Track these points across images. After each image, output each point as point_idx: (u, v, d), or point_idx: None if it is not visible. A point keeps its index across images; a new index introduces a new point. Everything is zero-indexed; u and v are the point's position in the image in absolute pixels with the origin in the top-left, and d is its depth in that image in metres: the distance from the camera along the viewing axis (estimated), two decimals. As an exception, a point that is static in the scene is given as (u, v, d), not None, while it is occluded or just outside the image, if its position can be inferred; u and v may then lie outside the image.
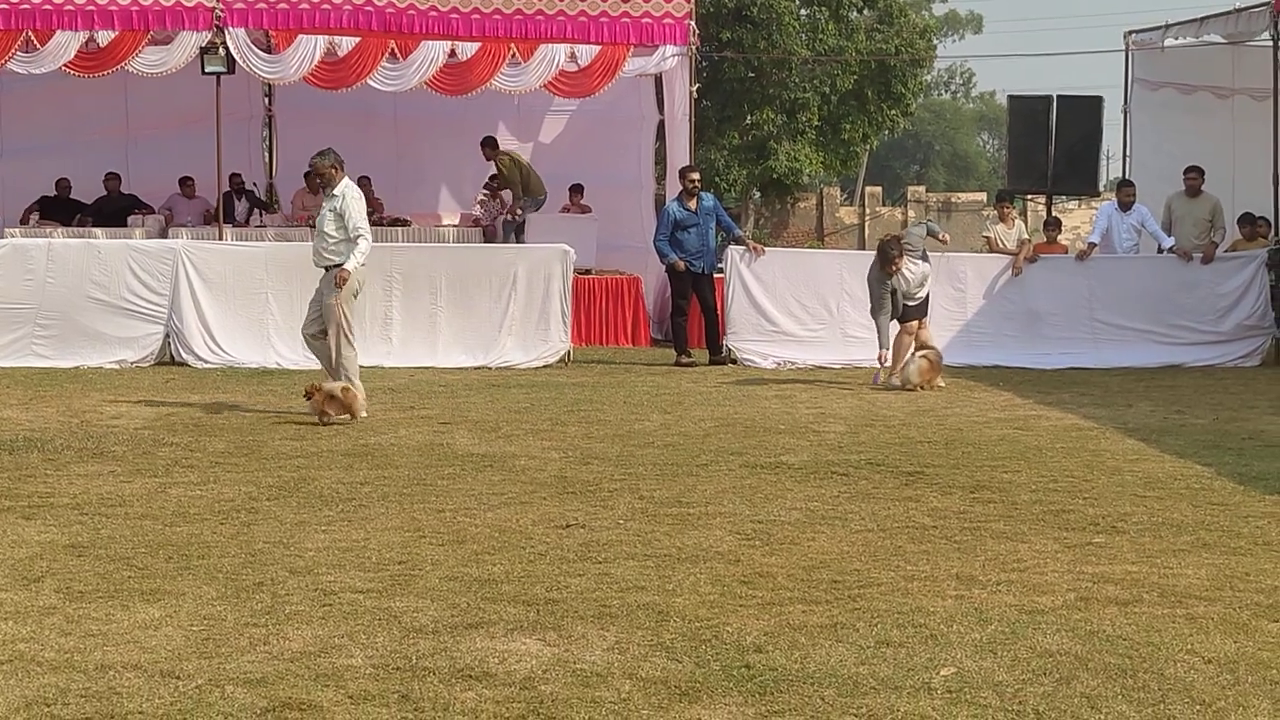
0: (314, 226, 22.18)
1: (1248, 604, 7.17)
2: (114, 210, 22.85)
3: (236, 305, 18.32)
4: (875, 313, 16.75)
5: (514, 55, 20.97)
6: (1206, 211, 19.82)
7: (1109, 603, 7.17)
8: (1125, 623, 6.83)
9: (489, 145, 22.96)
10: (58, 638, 6.57)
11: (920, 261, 16.94)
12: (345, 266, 13.82)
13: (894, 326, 16.87)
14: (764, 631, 6.68)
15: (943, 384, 16.35)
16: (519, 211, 22.40)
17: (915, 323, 16.94)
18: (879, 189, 56.58)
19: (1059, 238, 21.47)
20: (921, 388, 16.17)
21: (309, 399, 13.37)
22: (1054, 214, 23.12)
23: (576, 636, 6.62)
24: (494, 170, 24.33)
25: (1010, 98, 24.75)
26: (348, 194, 14.00)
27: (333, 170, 14.11)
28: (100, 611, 6.98)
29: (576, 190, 23.57)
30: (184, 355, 18.03)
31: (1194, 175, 20.05)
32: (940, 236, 17.70)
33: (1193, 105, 23.13)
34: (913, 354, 16.57)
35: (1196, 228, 19.69)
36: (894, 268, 16.62)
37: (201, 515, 9.19)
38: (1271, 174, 19.97)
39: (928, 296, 17.14)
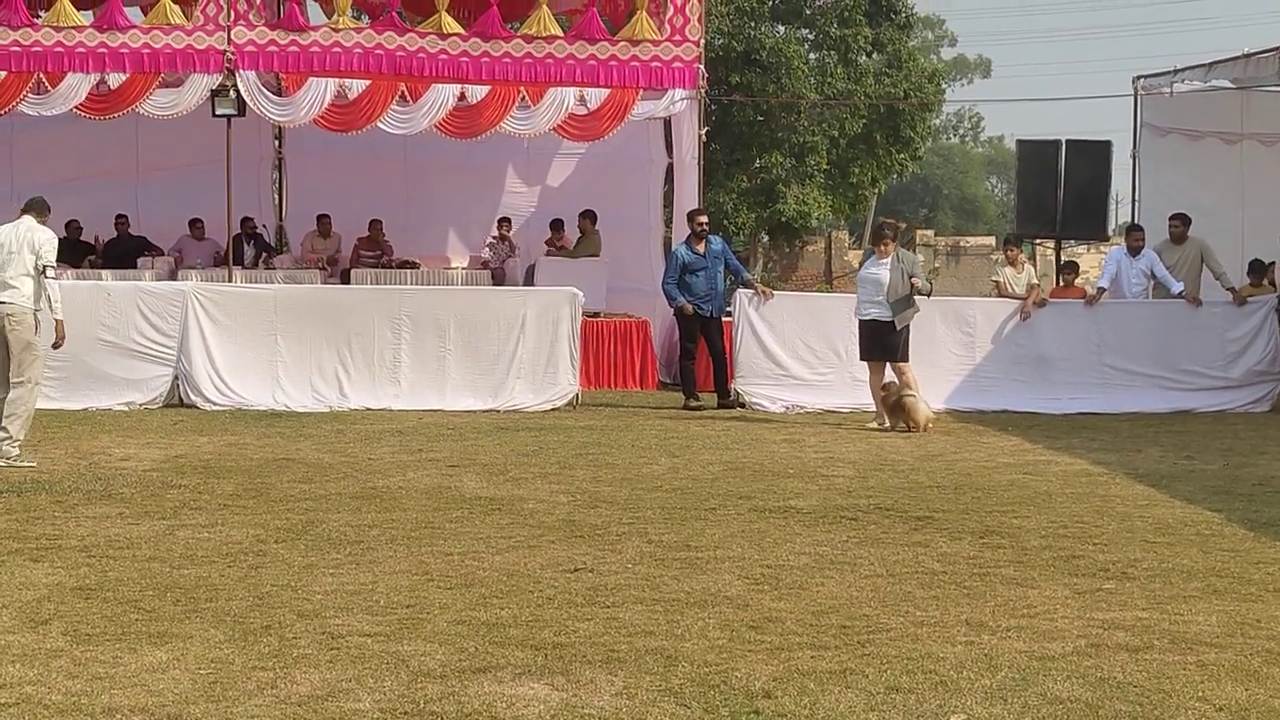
0: (323, 269, 22.46)
1: (1259, 651, 7.14)
2: (123, 252, 22.90)
3: (245, 347, 18.34)
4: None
5: (523, 98, 21.03)
6: (1194, 256, 19.79)
7: (1119, 649, 7.14)
8: (1136, 669, 6.80)
9: (590, 219, 23.03)
10: (65, 680, 6.55)
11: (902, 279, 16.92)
12: None
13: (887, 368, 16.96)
14: (773, 677, 6.65)
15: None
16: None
17: (894, 365, 16.98)
18: (887, 233, 56.49)
19: (1075, 281, 21.42)
20: (926, 429, 16.22)
21: None
22: (1072, 259, 23.07)
23: (585, 681, 6.60)
24: (502, 214, 24.42)
25: (1019, 142, 24.75)
26: None
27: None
28: (107, 654, 6.97)
29: (556, 226, 23.62)
30: (193, 397, 18.04)
31: (1177, 223, 20.01)
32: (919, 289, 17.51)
33: (1200, 151, 23.13)
34: (917, 396, 16.61)
35: (1189, 274, 19.66)
36: (881, 247, 17.21)
37: (209, 558, 9.17)
38: (1281, 219, 19.99)
39: (900, 335, 17.04)
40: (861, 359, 17.39)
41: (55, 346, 13.82)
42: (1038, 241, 33.06)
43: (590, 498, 11.62)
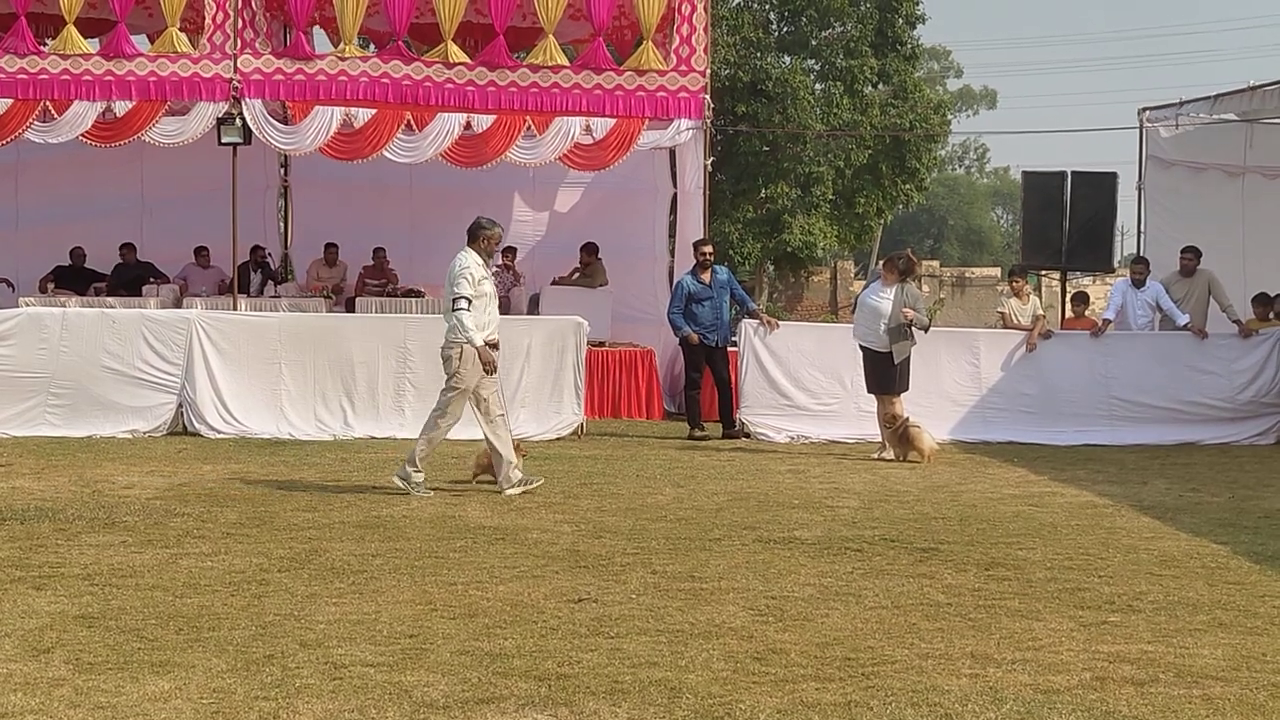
0: (328, 297, 22.46)
1: (1265, 684, 7.11)
2: (129, 279, 22.92)
3: (250, 375, 18.34)
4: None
5: (529, 128, 21.07)
6: (1202, 288, 19.80)
7: (1124, 682, 7.11)
8: (1141, 703, 6.78)
9: (592, 252, 23.05)
10: (67, 710, 6.53)
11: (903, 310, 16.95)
12: None
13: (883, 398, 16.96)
14: (777, 709, 6.63)
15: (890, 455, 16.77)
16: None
17: (882, 397, 16.98)
18: (893, 263, 56.42)
19: (1086, 312, 21.41)
20: (931, 459, 16.22)
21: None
22: (1081, 289, 23.07)
23: (588, 713, 6.57)
24: (508, 244, 24.39)
25: (1024, 173, 24.74)
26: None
27: None
28: (110, 683, 6.95)
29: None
30: (197, 425, 18.03)
31: (1189, 256, 20.03)
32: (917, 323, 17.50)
33: (1203, 183, 23.13)
34: (922, 427, 16.60)
35: (1197, 307, 19.66)
36: (891, 279, 16.96)
37: (212, 587, 9.15)
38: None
39: (897, 368, 17.04)
40: (868, 391, 17.38)
41: (487, 373, 13.61)
42: (1043, 273, 33.06)
43: (595, 527, 11.60)
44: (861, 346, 17.22)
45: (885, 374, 17.01)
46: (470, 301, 13.50)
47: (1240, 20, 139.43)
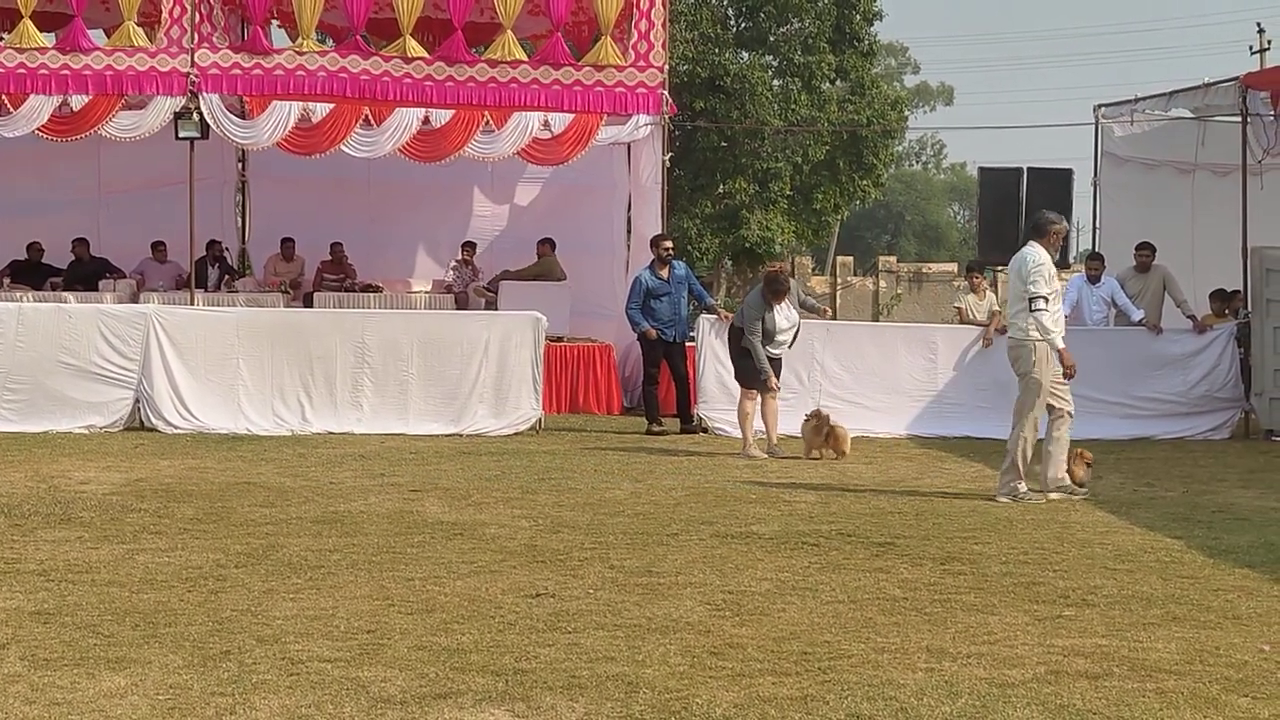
0: (286, 292, 22.40)
1: (1218, 678, 7.15)
2: (86, 274, 22.82)
3: (207, 371, 18.27)
4: (751, 336, 16.94)
5: (488, 122, 21.04)
6: (1157, 284, 19.89)
7: (1079, 676, 7.15)
8: (1095, 697, 6.81)
9: (550, 245, 23.03)
10: (22, 706, 6.51)
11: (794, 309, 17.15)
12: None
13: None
14: (734, 703, 6.65)
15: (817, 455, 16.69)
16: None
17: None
18: (850, 259, 56.70)
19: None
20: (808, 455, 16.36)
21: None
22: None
23: (545, 707, 6.58)
24: (467, 238, 24.38)
25: (981, 169, 24.78)
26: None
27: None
28: (66, 680, 6.92)
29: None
30: (154, 420, 17.96)
31: (1145, 252, 20.10)
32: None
33: (1156, 180, 23.28)
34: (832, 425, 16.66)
35: (1152, 303, 19.75)
36: (783, 300, 16.85)
37: (169, 582, 9.13)
38: (1240, 247, 20.07)
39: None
40: (752, 388, 17.24)
41: (1066, 376, 13.48)
42: (999, 269, 33.12)
43: (552, 523, 11.61)
44: (772, 357, 17.10)
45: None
46: (1047, 300, 13.26)
47: (1196, 18, 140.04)
